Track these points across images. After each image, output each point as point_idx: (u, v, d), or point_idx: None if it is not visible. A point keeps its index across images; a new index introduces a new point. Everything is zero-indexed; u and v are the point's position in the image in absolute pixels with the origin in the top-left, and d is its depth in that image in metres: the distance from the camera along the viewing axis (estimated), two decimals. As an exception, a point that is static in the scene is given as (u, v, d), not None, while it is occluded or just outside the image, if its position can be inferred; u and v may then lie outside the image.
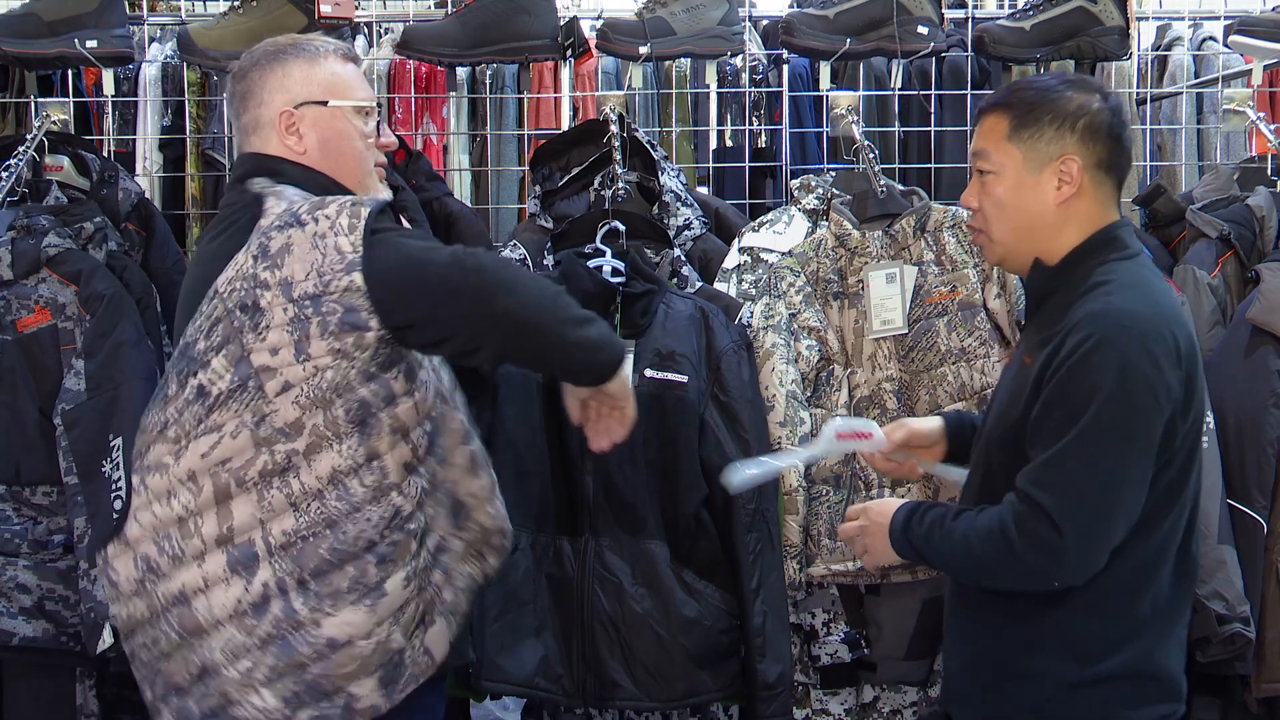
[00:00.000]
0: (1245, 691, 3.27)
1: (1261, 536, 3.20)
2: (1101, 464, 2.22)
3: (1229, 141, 4.38)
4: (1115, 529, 2.24)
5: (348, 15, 3.65)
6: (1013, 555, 2.24)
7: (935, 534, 2.33)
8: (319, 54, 2.52)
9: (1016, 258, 2.44)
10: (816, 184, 3.46)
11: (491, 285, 2.28)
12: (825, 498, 3.11)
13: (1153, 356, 2.23)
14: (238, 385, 2.27)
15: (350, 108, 2.49)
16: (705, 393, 3.01)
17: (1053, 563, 2.23)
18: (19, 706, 3.36)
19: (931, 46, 3.74)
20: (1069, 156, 2.35)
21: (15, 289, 3.24)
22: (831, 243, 3.24)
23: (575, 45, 3.73)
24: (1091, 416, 2.21)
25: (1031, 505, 2.23)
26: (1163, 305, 2.32)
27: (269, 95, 2.48)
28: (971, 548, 2.29)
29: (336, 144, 2.48)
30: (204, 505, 2.27)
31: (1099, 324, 2.24)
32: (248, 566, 2.26)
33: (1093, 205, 2.38)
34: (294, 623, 2.25)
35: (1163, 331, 2.26)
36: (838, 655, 3.21)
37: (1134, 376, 2.22)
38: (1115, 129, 2.38)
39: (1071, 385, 2.23)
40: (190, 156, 4.33)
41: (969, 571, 2.35)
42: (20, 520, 3.22)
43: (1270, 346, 3.23)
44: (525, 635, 2.96)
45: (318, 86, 2.49)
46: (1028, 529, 2.22)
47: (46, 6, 3.61)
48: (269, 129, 2.48)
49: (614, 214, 3.16)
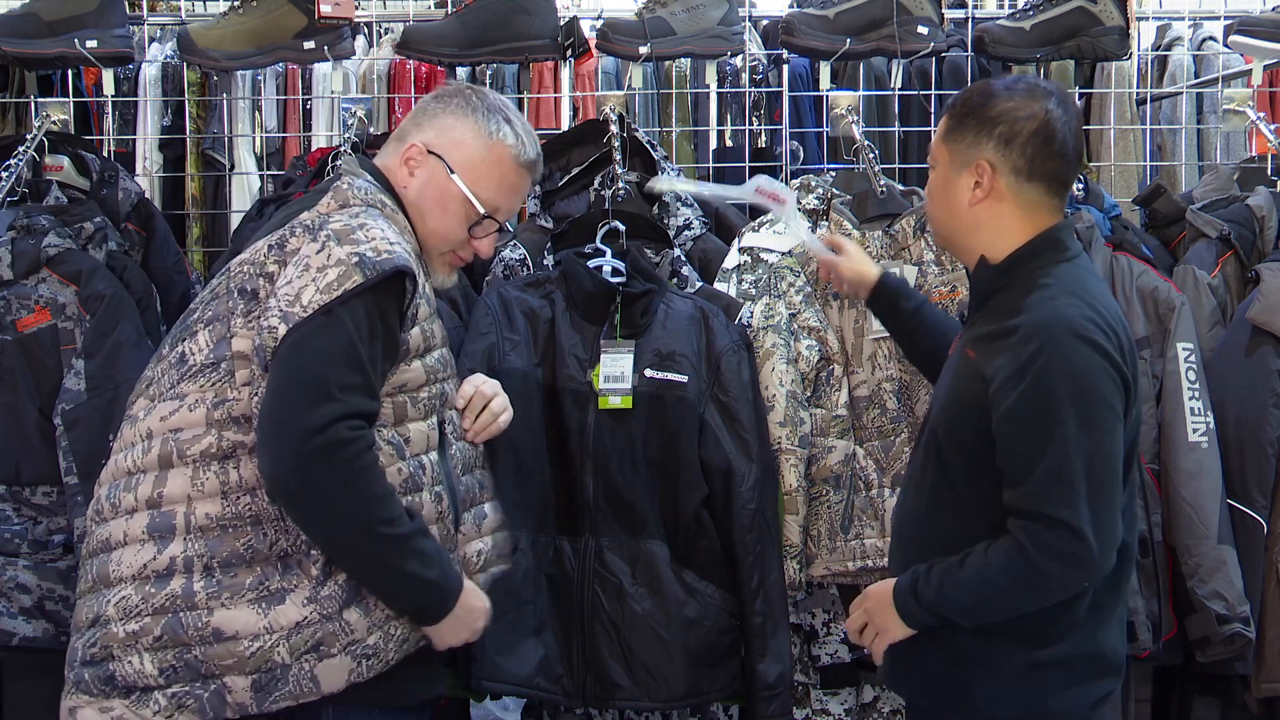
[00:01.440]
0: (1245, 691, 3.27)
1: (1261, 536, 3.21)
2: (1096, 465, 2.29)
3: (1229, 141, 4.38)
4: (1119, 515, 2.32)
5: (348, 15, 3.65)
6: (1041, 576, 2.29)
7: (948, 589, 2.37)
8: (495, 135, 2.50)
9: (951, 247, 2.57)
10: (816, 184, 3.46)
11: (302, 488, 2.23)
12: (825, 498, 3.11)
13: (1100, 355, 2.30)
14: (211, 363, 2.33)
15: (465, 194, 2.48)
16: (705, 392, 3.01)
17: (1083, 569, 2.30)
18: (19, 706, 3.36)
19: (931, 46, 3.74)
20: (981, 162, 2.41)
21: (15, 289, 3.24)
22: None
23: (575, 45, 3.73)
24: (1071, 426, 2.27)
25: (1048, 523, 2.27)
26: (1103, 309, 2.37)
27: (427, 123, 2.51)
28: (995, 585, 2.33)
29: (430, 206, 2.47)
30: (148, 465, 2.34)
31: (1042, 335, 2.30)
32: (163, 536, 2.31)
33: (1015, 210, 2.43)
34: (189, 603, 2.28)
35: (1105, 333, 2.32)
36: (837, 655, 3.21)
37: (1088, 376, 2.29)
38: (1042, 137, 2.39)
39: (1034, 399, 2.29)
40: (190, 156, 4.33)
41: (998, 609, 2.37)
42: (20, 520, 3.22)
43: (1270, 346, 3.24)
44: (525, 635, 2.96)
45: (463, 155, 2.49)
46: (1052, 547, 2.28)
47: (46, 6, 3.60)
48: (401, 146, 2.50)
49: (614, 214, 3.16)
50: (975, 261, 2.48)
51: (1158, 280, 3.29)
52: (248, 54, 3.66)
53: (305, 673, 2.29)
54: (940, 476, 2.43)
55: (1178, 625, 3.21)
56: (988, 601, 2.36)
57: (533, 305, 3.05)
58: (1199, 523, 3.15)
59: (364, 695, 2.34)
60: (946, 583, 2.36)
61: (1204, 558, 3.14)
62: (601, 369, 2.99)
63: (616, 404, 2.97)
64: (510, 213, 2.57)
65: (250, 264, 2.36)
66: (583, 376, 3.00)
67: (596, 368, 2.99)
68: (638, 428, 2.97)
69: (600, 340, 3.01)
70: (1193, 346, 3.23)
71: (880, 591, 2.47)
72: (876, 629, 2.48)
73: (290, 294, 2.27)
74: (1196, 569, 3.14)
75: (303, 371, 2.24)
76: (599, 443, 2.97)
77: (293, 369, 2.24)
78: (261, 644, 2.27)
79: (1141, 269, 3.30)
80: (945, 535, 2.41)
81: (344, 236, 2.31)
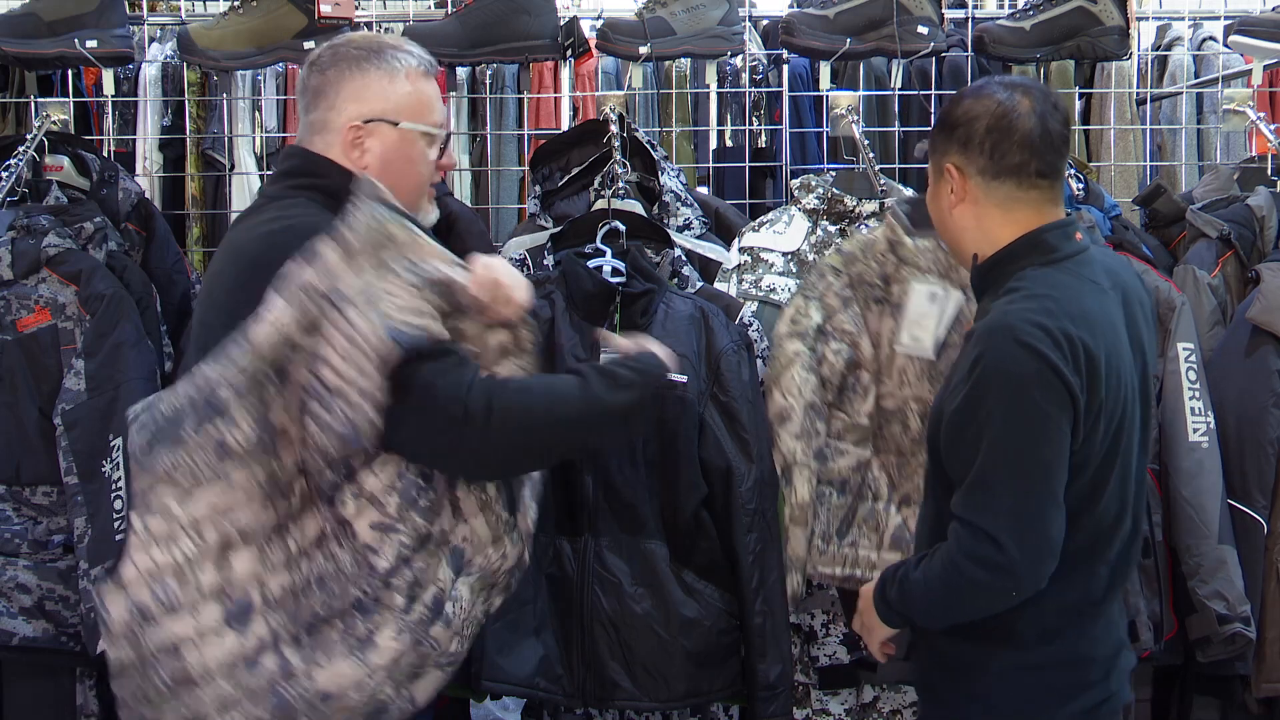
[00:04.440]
0: (1245, 691, 3.27)
1: (1261, 536, 3.21)
2: (1020, 472, 2.25)
3: (1229, 141, 4.39)
4: (1053, 529, 2.26)
5: (348, 15, 3.65)
6: (966, 582, 2.29)
7: (906, 590, 2.39)
8: (400, 68, 2.45)
9: (954, 256, 2.53)
10: (816, 184, 3.46)
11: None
12: (827, 499, 3.06)
13: (1039, 361, 2.22)
14: (255, 441, 2.23)
15: (420, 131, 2.45)
16: (705, 392, 3.01)
17: (1005, 578, 2.27)
18: (19, 706, 3.36)
19: (931, 46, 3.75)
20: (949, 166, 2.40)
21: (15, 289, 3.24)
22: (883, 246, 3.03)
23: (575, 45, 3.73)
24: (998, 430, 2.24)
25: (970, 529, 2.27)
26: (1063, 311, 2.28)
27: (342, 102, 2.44)
28: (934, 590, 2.34)
29: (399, 166, 2.44)
30: (205, 554, 2.24)
31: (987, 339, 2.28)
32: (243, 620, 2.23)
33: (993, 210, 2.38)
34: (287, 674, 2.23)
35: (1052, 339, 2.24)
36: (836, 656, 3.21)
37: (1023, 384, 2.23)
38: (999, 132, 2.34)
39: (972, 404, 2.27)
40: (190, 156, 4.33)
41: (941, 613, 2.38)
42: (20, 520, 3.22)
43: (1270, 346, 3.24)
44: (525, 635, 2.96)
45: (393, 104, 2.44)
46: (972, 553, 2.27)
47: (46, 6, 3.61)
48: (334, 136, 2.43)
49: (614, 214, 3.16)
50: (968, 264, 2.48)
51: (1158, 280, 3.29)
52: (248, 54, 3.66)
53: (406, 696, 2.29)
54: (937, 481, 2.43)
55: (1178, 625, 3.21)
56: (932, 607, 2.37)
57: (532, 305, 3.05)
58: (1199, 523, 3.15)
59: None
60: (904, 584, 2.38)
61: (1204, 557, 3.14)
62: (601, 369, 2.98)
63: (616, 404, 2.96)
64: (444, 121, 2.53)
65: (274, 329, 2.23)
66: (582, 376, 2.99)
67: (596, 368, 2.99)
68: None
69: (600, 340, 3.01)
70: (1193, 346, 3.23)
71: (865, 592, 2.50)
72: (866, 626, 2.51)
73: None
74: (1197, 569, 3.14)
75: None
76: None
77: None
78: (370, 689, 2.25)
79: (1141, 269, 3.30)
80: (941, 536, 2.40)
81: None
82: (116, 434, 3.14)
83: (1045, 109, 2.36)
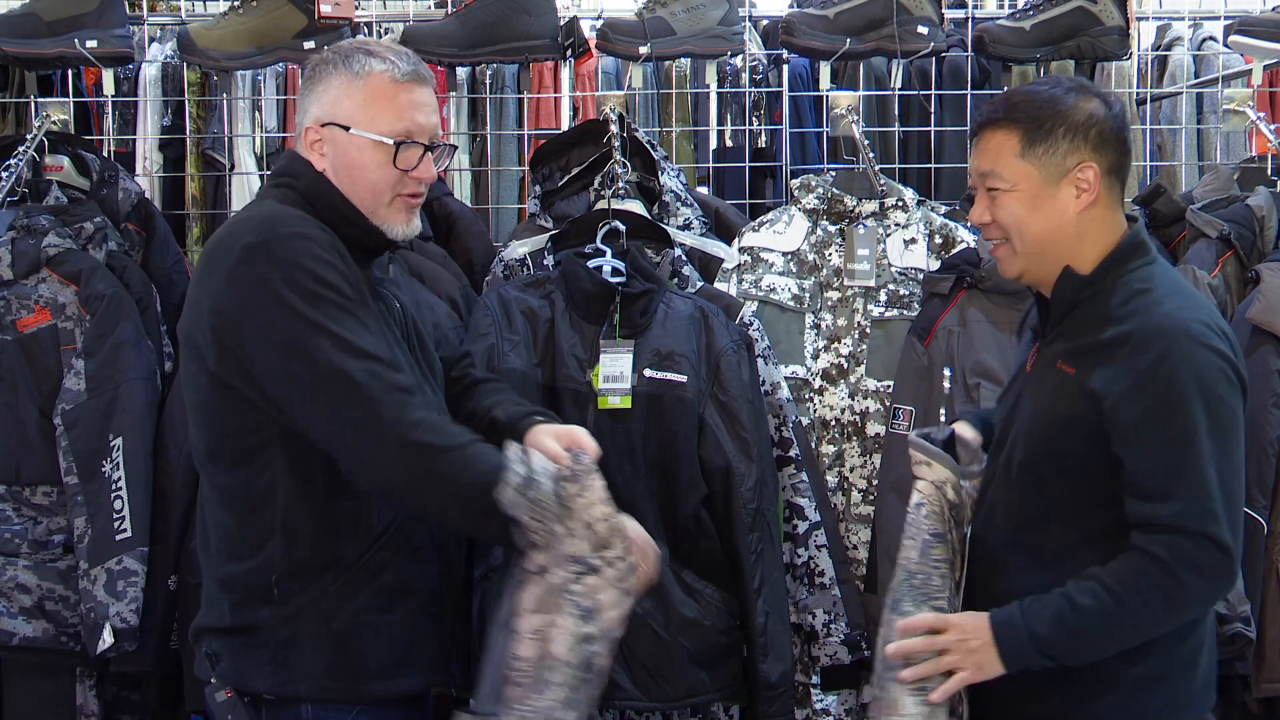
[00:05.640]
0: (1245, 691, 3.27)
1: (1262, 536, 3.21)
2: (1231, 474, 2.28)
3: (1229, 141, 4.38)
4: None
5: (348, 15, 3.65)
6: (1184, 591, 2.24)
7: (1070, 625, 2.25)
8: (363, 74, 2.43)
9: (1040, 269, 2.41)
10: (816, 184, 3.46)
11: None
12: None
13: (1220, 359, 2.27)
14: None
15: (369, 138, 2.41)
16: (705, 392, 3.01)
17: (1225, 585, 2.28)
18: (19, 706, 3.36)
19: (931, 46, 3.75)
20: (1086, 164, 2.35)
21: (15, 289, 3.24)
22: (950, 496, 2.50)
23: (575, 45, 3.73)
24: (1198, 434, 2.23)
25: (1194, 538, 2.22)
26: (1208, 308, 2.37)
27: (309, 103, 2.45)
28: (1130, 612, 2.24)
29: (350, 172, 2.42)
30: None
31: (1166, 340, 2.25)
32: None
33: (1108, 210, 2.39)
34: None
35: (1219, 336, 2.29)
36: (837, 657, 3.21)
37: (1214, 383, 2.26)
38: (1121, 133, 2.38)
39: (1163, 410, 2.24)
40: (190, 156, 4.33)
41: (1132, 636, 2.28)
42: (20, 520, 3.22)
43: (1270, 346, 3.23)
44: (525, 635, 2.95)
45: (346, 109, 2.42)
46: (1198, 563, 2.23)
47: (46, 6, 3.61)
48: (301, 136, 2.46)
49: (614, 214, 3.16)
50: (1054, 277, 2.39)
51: (1158, 280, 3.28)
52: (248, 54, 3.66)
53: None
54: (1035, 497, 2.35)
55: (1178, 625, 3.20)
56: (1119, 632, 2.26)
57: (532, 305, 3.05)
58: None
59: (343, 690, 2.35)
60: (1065, 616, 2.25)
61: (1204, 558, 3.13)
62: (601, 369, 2.99)
63: (616, 404, 2.97)
64: (427, 127, 2.47)
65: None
66: (582, 376, 2.99)
67: (596, 368, 2.99)
68: (637, 428, 2.97)
69: (599, 340, 3.01)
70: (1193, 346, 3.23)
71: (973, 627, 2.29)
72: (962, 664, 2.29)
73: None
74: (1197, 569, 3.14)
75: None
76: (598, 443, 2.97)
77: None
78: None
79: (1142, 269, 3.30)
80: (1053, 547, 2.33)
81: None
82: (116, 434, 3.14)
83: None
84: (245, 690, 2.35)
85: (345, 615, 2.34)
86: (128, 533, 3.12)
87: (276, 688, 2.35)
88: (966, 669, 2.30)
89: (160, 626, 3.19)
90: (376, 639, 2.37)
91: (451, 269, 3.39)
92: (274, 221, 2.33)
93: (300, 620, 2.34)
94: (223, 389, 2.32)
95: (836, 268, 3.40)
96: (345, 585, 2.35)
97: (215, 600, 2.40)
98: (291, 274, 2.26)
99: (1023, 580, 2.34)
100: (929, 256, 3.40)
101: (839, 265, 3.40)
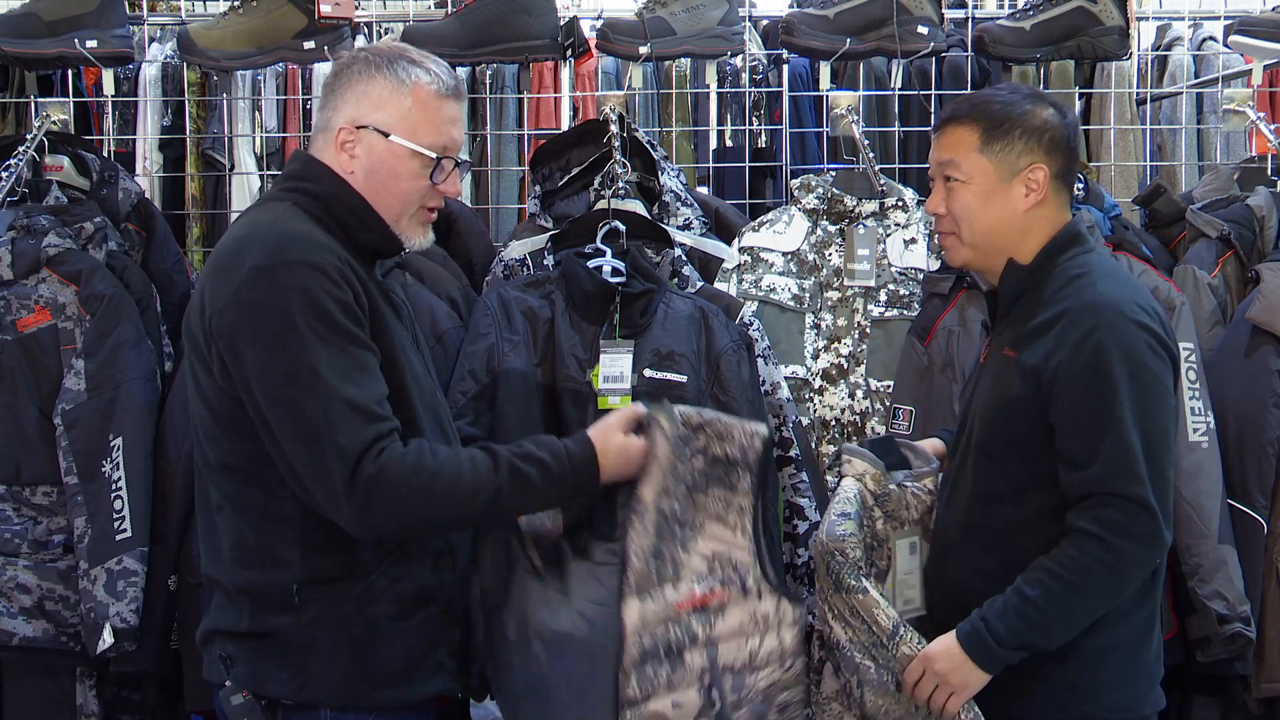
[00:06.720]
0: (1245, 691, 3.27)
1: (1261, 536, 3.21)
2: (1157, 441, 2.36)
3: (1229, 141, 4.38)
4: (1171, 491, 2.40)
5: (348, 15, 3.65)
6: (1122, 560, 2.35)
7: (1028, 614, 2.36)
8: (408, 82, 2.39)
9: (984, 259, 2.57)
10: (816, 184, 3.46)
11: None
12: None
13: (1148, 333, 2.40)
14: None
15: (410, 149, 2.39)
16: (705, 392, 3.01)
17: (1156, 546, 2.38)
18: (19, 706, 3.36)
19: (931, 46, 3.75)
20: (1038, 166, 2.51)
21: (15, 289, 3.24)
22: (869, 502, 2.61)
23: (575, 45, 3.73)
24: (1121, 401, 2.34)
25: (1118, 503, 2.33)
26: (1140, 289, 2.54)
27: (343, 103, 2.41)
28: (1078, 591, 2.36)
29: (382, 179, 2.40)
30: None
31: (1095, 315, 2.39)
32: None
33: (1054, 211, 2.54)
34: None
35: (1148, 313, 2.43)
36: (838, 655, 3.21)
37: (1139, 354, 2.37)
38: (1072, 142, 2.56)
39: (1091, 380, 2.36)
40: (190, 156, 4.34)
41: (1090, 611, 2.39)
42: (20, 520, 3.22)
43: (1270, 346, 3.24)
44: (525, 635, 2.95)
45: (390, 115, 2.39)
46: (1126, 528, 2.34)
47: (46, 6, 3.61)
48: (329, 135, 2.42)
49: (614, 214, 3.16)
50: (998, 268, 2.55)
51: (1158, 280, 3.29)
52: (248, 54, 3.66)
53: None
54: (990, 475, 2.47)
55: (1178, 625, 3.20)
56: (1074, 614, 2.37)
57: (532, 305, 3.05)
58: (1199, 522, 3.14)
59: (360, 695, 2.35)
60: (1022, 610, 2.36)
61: (1204, 557, 3.14)
62: (601, 369, 2.99)
63: (615, 404, 2.96)
64: (460, 142, 2.48)
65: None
66: (582, 376, 2.99)
67: (596, 368, 2.99)
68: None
69: (599, 340, 3.01)
70: (1193, 346, 3.23)
71: (944, 651, 2.41)
72: (953, 688, 2.41)
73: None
74: (1197, 569, 3.14)
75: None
76: (599, 443, 2.97)
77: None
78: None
79: (1141, 269, 3.30)
80: (1000, 526, 2.45)
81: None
82: (116, 434, 3.14)
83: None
84: (263, 694, 2.35)
85: (364, 622, 2.34)
86: (128, 533, 3.12)
87: (295, 693, 2.34)
88: (956, 690, 2.42)
89: (160, 626, 3.19)
90: (394, 646, 2.37)
91: (451, 269, 3.38)
92: (284, 244, 2.29)
93: (319, 627, 2.33)
94: (235, 404, 2.30)
95: (836, 268, 3.41)
96: (364, 593, 2.34)
97: (229, 604, 2.38)
98: (297, 306, 2.24)
99: (972, 563, 2.49)
100: (929, 256, 3.41)
101: (839, 265, 3.41)
